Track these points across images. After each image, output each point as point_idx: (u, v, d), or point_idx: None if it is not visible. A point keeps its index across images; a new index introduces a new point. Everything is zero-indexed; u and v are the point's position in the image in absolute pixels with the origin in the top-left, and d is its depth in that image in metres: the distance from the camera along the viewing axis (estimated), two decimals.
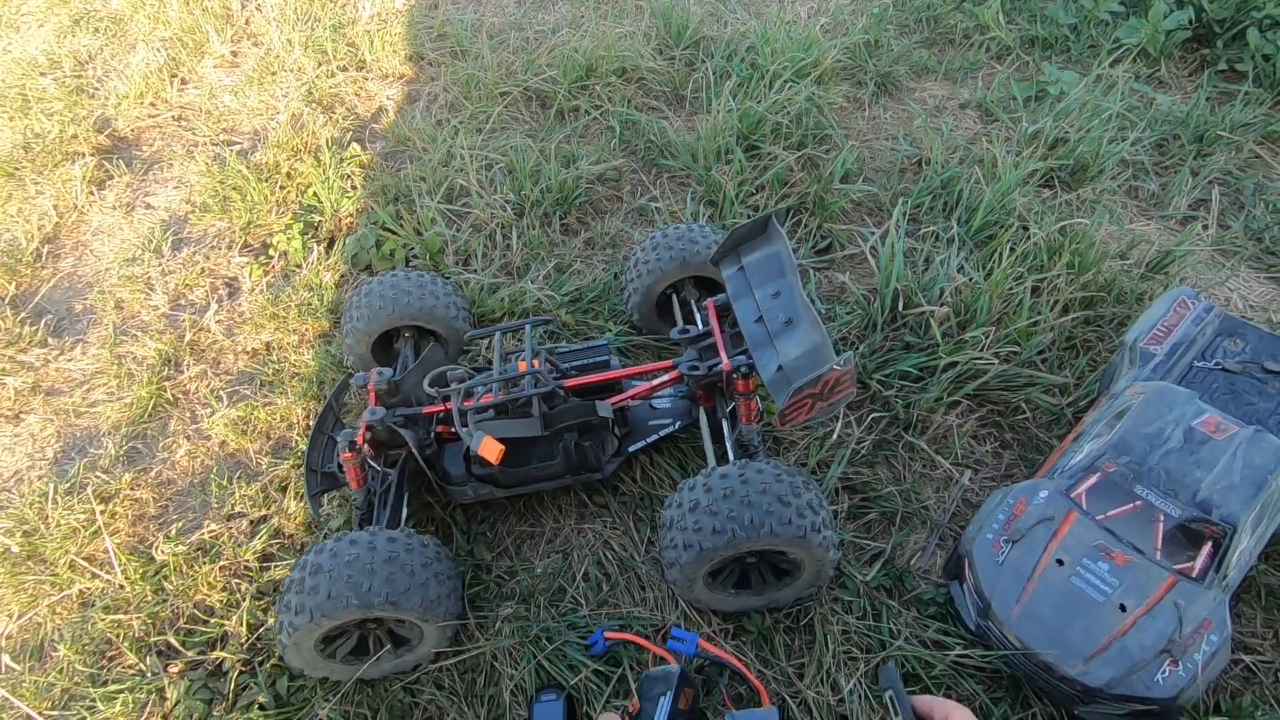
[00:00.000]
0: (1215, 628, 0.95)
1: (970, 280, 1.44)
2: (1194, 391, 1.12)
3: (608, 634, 1.09)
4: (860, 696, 1.03)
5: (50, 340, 1.77)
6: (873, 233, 1.65)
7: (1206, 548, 1.00)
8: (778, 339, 1.15)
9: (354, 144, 2.14)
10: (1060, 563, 1.02)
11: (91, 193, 2.16)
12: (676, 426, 1.31)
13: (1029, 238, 1.51)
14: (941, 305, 1.39)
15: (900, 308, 1.43)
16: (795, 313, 1.15)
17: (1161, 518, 1.02)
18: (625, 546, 1.25)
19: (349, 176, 2.05)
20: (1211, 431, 1.07)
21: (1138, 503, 1.04)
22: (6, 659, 1.19)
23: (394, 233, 1.83)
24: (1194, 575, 0.99)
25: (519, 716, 1.08)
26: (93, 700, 1.09)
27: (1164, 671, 0.93)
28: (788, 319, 1.16)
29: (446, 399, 1.23)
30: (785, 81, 1.98)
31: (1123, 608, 0.97)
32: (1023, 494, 1.10)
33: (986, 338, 1.32)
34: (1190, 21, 2.11)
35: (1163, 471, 1.05)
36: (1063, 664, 0.95)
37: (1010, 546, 1.06)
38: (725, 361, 1.18)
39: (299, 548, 1.29)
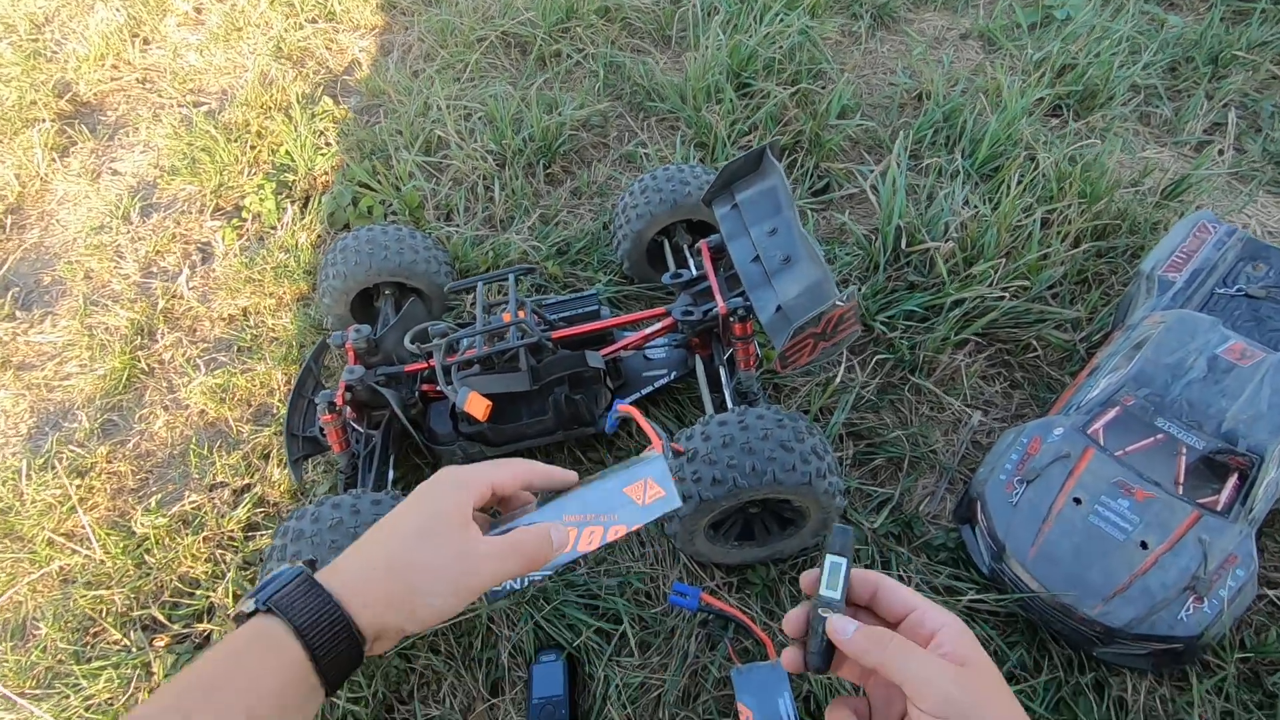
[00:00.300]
0: (1241, 562, 0.90)
1: (976, 214, 1.37)
2: (1217, 319, 1.06)
3: (621, 407, 0.98)
4: None
5: (18, 314, 1.70)
6: (872, 170, 1.57)
7: (1232, 480, 0.95)
8: (775, 278, 1.08)
9: (326, 99, 2.04)
10: (1078, 501, 0.97)
11: (54, 160, 2.07)
12: (672, 377, 1.25)
13: (1037, 168, 1.43)
14: (946, 241, 1.33)
15: (903, 246, 1.36)
16: (793, 249, 1.08)
17: (1184, 450, 0.97)
18: None
19: (322, 133, 1.96)
20: (1237, 359, 1.01)
21: (1159, 436, 0.99)
22: None
23: (371, 189, 1.74)
24: (1218, 509, 0.94)
25: (519, 678, 1.04)
26: (76, 678, 1.06)
27: (1188, 609, 0.89)
28: (786, 256, 1.09)
29: (429, 356, 1.17)
30: (776, 14, 1.87)
31: (1144, 545, 0.93)
32: (1036, 432, 1.05)
33: (995, 272, 1.26)
34: None
35: (1185, 403, 0.99)
36: (1082, 605, 0.91)
37: (1024, 487, 1.01)
38: (721, 304, 1.12)
39: (284, 515, 1.25)
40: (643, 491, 0.54)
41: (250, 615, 0.43)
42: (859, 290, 0.99)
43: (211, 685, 0.39)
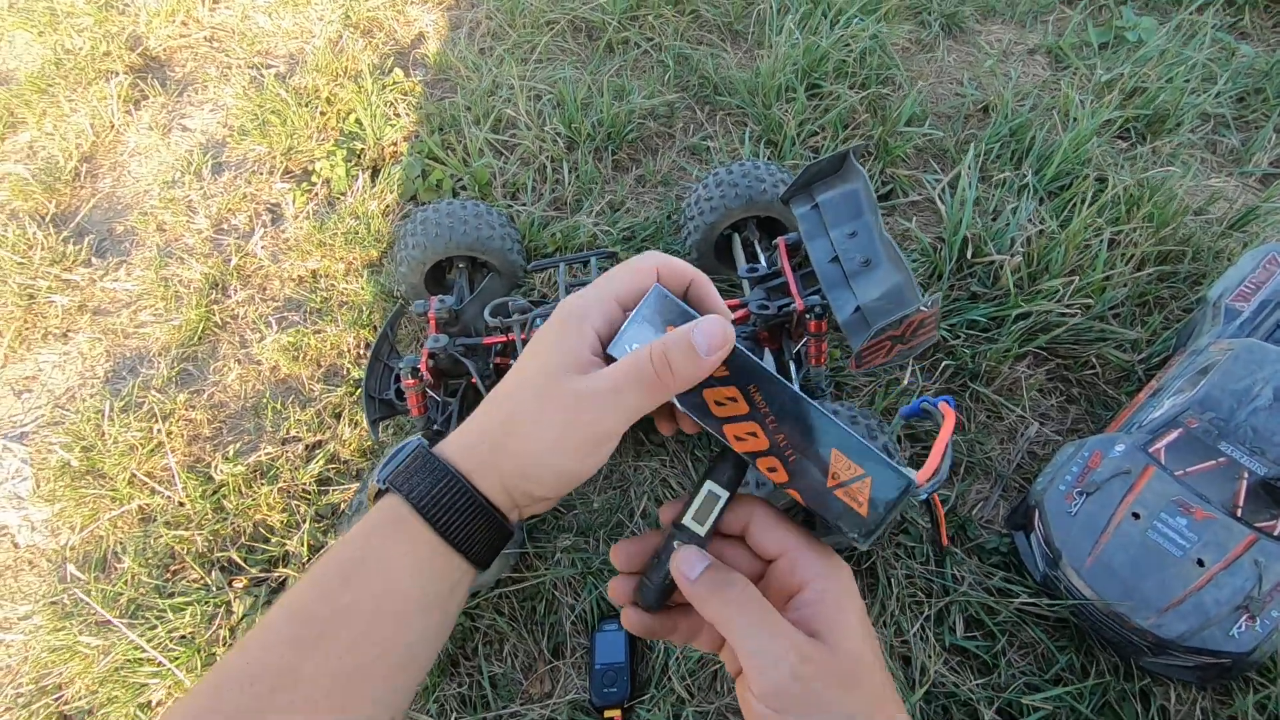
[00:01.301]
0: None
1: (1044, 230, 1.39)
2: None
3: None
4: (923, 639, 1.03)
5: (94, 260, 1.76)
6: (938, 179, 1.59)
7: None
8: (854, 280, 1.11)
9: (397, 70, 2.07)
10: (1136, 516, 1.00)
11: (128, 112, 2.12)
12: None
13: (1107, 189, 1.45)
14: (1013, 255, 1.35)
15: (969, 256, 1.39)
16: (874, 253, 1.11)
17: (1246, 475, 1.00)
18: (683, 485, 1.24)
19: (392, 104, 1.99)
20: None
21: (1221, 459, 1.02)
22: (71, 568, 1.21)
23: (441, 162, 1.78)
24: (1276, 534, 0.97)
25: (580, 644, 1.09)
26: (162, 610, 1.11)
27: (1240, 626, 0.92)
28: (866, 259, 1.12)
29: (508, 330, 1.21)
30: (850, 18, 1.89)
31: (1200, 563, 0.96)
32: (1098, 447, 1.08)
33: (1066, 289, 1.28)
34: None
35: (1250, 429, 1.02)
36: (1136, 615, 0.95)
37: (1084, 499, 1.04)
38: (799, 301, 1.15)
39: (354, 473, 1.30)
40: (847, 475, 0.39)
41: (383, 494, 0.41)
42: (941, 297, 1.02)
43: (348, 569, 0.37)
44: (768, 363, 1.26)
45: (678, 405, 0.40)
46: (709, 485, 0.41)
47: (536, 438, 0.38)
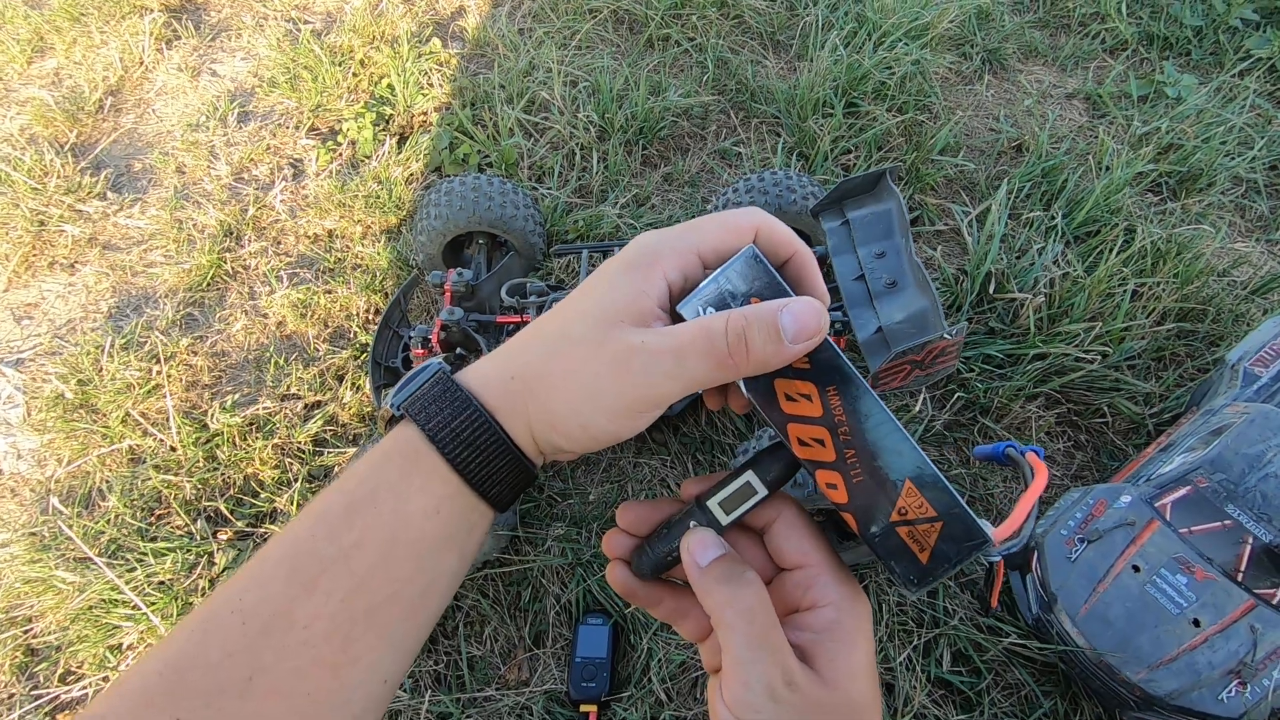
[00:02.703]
0: None
1: (1068, 274, 1.39)
2: None
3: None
4: (907, 668, 1.02)
5: (109, 194, 1.73)
6: (966, 211, 1.59)
7: None
8: (879, 300, 1.10)
9: (435, 40, 2.05)
10: (1136, 569, 1.00)
11: (159, 50, 2.09)
12: None
13: (1135, 240, 1.45)
14: (1035, 295, 1.34)
15: (990, 291, 1.38)
16: (901, 275, 1.10)
17: (1250, 540, 0.99)
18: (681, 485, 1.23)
19: (426, 73, 1.97)
20: None
21: (1227, 522, 1.01)
22: (55, 501, 1.19)
23: (470, 137, 1.77)
24: (1274, 602, 0.96)
25: (562, 635, 1.07)
26: (143, 553, 1.09)
27: (1230, 691, 0.92)
28: (892, 281, 1.11)
29: (523, 310, 1.20)
30: (895, 40, 1.88)
31: (1196, 623, 0.95)
32: (1103, 496, 1.07)
33: (1087, 334, 1.28)
34: None
35: (1259, 494, 1.02)
36: (1126, 668, 0.94)
37: (1084, 546, 1.03)
38: None
39: (352, 438, 1.28)
40: (916, 514, 0.34)
41: (396, 421, 0.36)
42: (966, 328, 1.01)
43: (356, 503, 0.33)
44: None
45: (742, 388, 0.36)
46: (749, 477, 0.37)
47: (576, 389, 0.33)
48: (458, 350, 1.21)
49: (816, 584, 0.36)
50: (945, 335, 0.96)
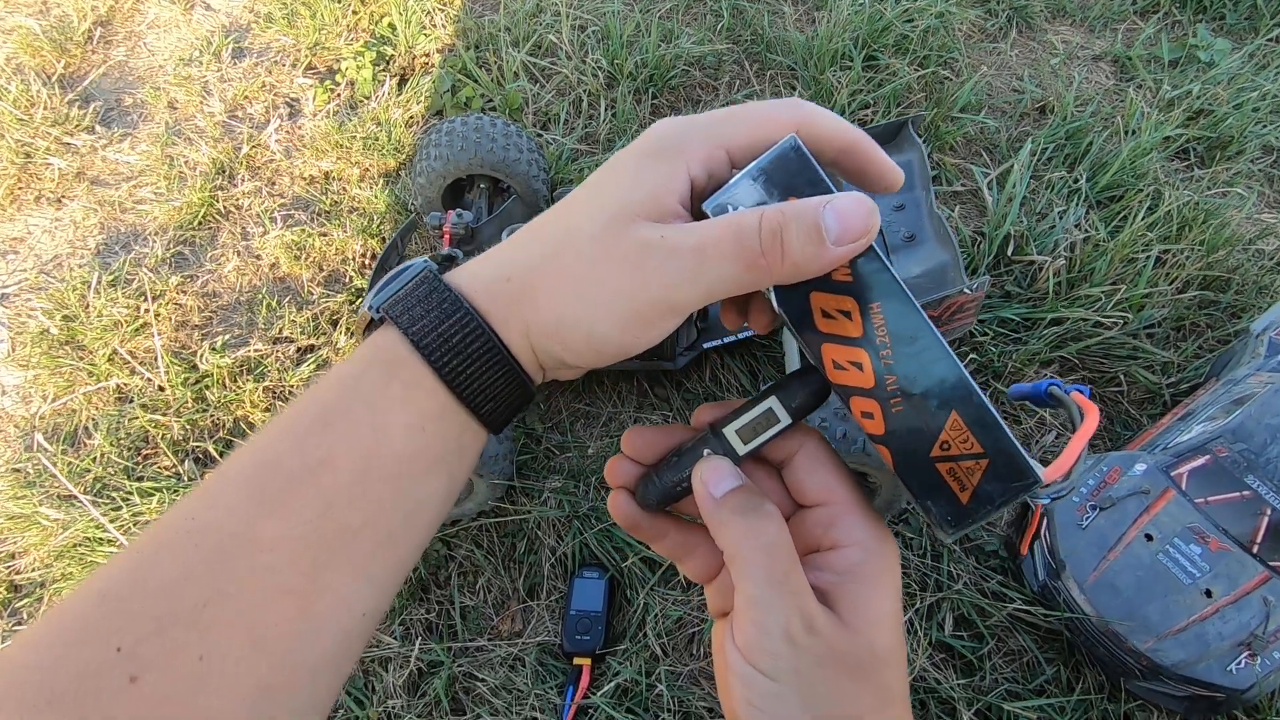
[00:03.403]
0: None
1: (1090, 237, 1.34)
2: None
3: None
4: (911, 632, 1.00)
5: (98, 128, 1.67)
6: (986, 171, 1.53)
7: None
8: (895, 254, 1.06)
9: None
10: (1149, 538, 0.97)
11: None
12: (755, 332, 1.24)
13: (1160, 205, 1.39)
14: (1055, 258, 1.30)
15: (1009, 253, 1.34)
16: (920, 229, 1.06)
17: (1268, 511, 0.96)
18: None
19: (429, 13, 1.89)
20: None
21: (1245, 493, 0.98)
22: (39, 437, 1.15)
23: (473, 80, 1.70)
24: None
25: (556, 588, 1.05)
26: (129, 492, 1.06)
27: (1240, 662, 0.89)
28: (910, 234, 1.06)
29: None
30: None
31: (1208, 593, 0.93)
32: (1117, 463, 1.04)
33: (1107, 299, 1.23)
34: None
35: None
36: (1134, 637, 0.92)
37: (1096, 513, 1.00)
38: None
39: None
40: (961, 449, 0.30)
41: (375, 325, 0.32)
42: (988, 281, 0.96)
43: (329, 415, 0.29)
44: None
45: (772, 300, 0.31)
46: (771, 403, 0.33)
47: (582, 293, 0.29)
48: (446, 251, 1.16)
49: (840, 523, 0.32)
50: (966, 290, 0.92)
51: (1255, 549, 0.95)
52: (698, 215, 0.31)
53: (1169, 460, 1.03)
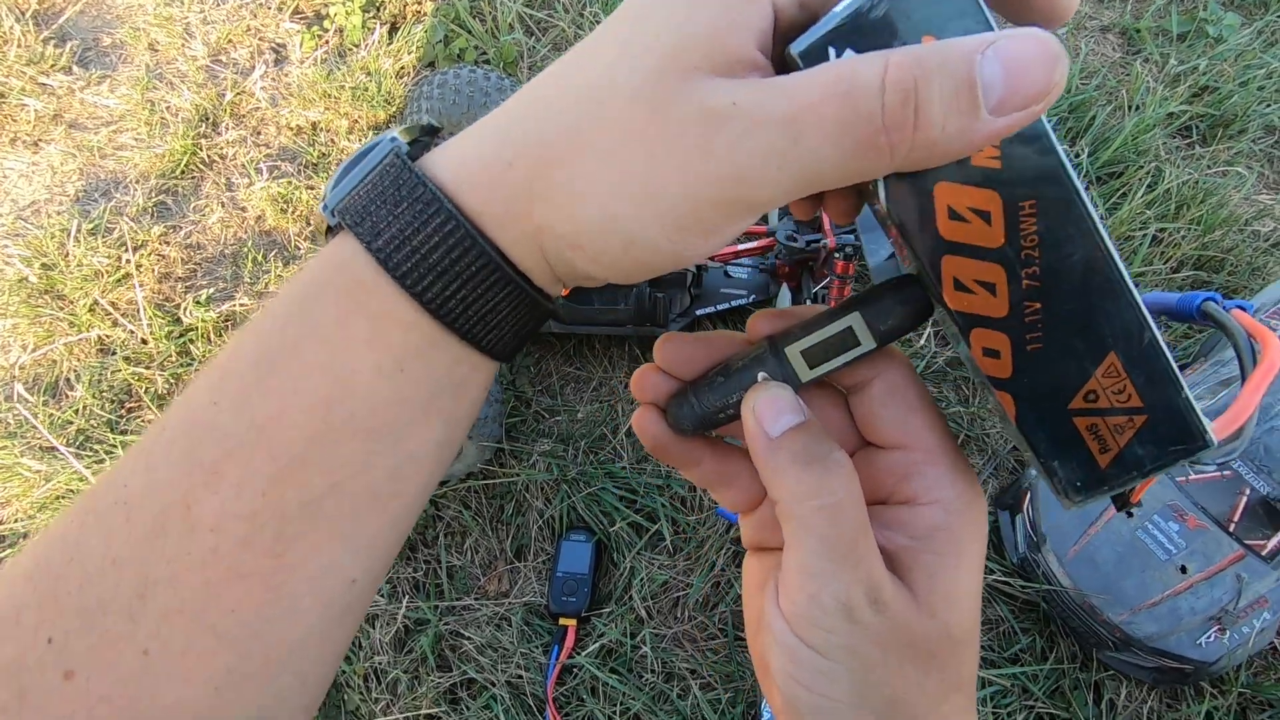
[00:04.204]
0: (1270, 607, 0.93)
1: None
2: None
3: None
4: None
5: (75, 69, 1.61)
6: None
7: None
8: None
9: None
10: (1129, 514, 0.98)
11: None
12: (750, 300, 1.23)
13: (1160, 183, 1.38)
14: None
15: None
16: None
17: (1247, 491, 0.98)
18: None
19: None
20: None
21: (1226, 472, 1.00)
22: (20, 388, 1.14)
23: (467, 30, 1.64)
24: (1264, 553, 0.96)
25: (544, 550, 1.06)
26: (112, 444, 1.05)
27: (1209, 636, 0.92)
28: None
29: None
30: None
31: (1183, 569, 0.95)
32: None
33: None
34: None
35: (1263, 447, 1.00)
36: (1109, 610, 0.94)
37: None
38: (830, 238, 1.08)
39: None
40: (1113, 400, 0.25)
41: (334, 232, 0.24)
42: None
43: (268, 356, 0.23)
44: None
45: (880, 194, 0.22)
46: (853, 320, 0.25)
47: (618, 182, 0.21)
48: (426, 122, 1.13)
49: (921, 473, 0.26)
50: None
51: (1232, 527, 0.97)
52: (782, 64, 0.22)
53: None
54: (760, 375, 0.26)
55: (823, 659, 0.24)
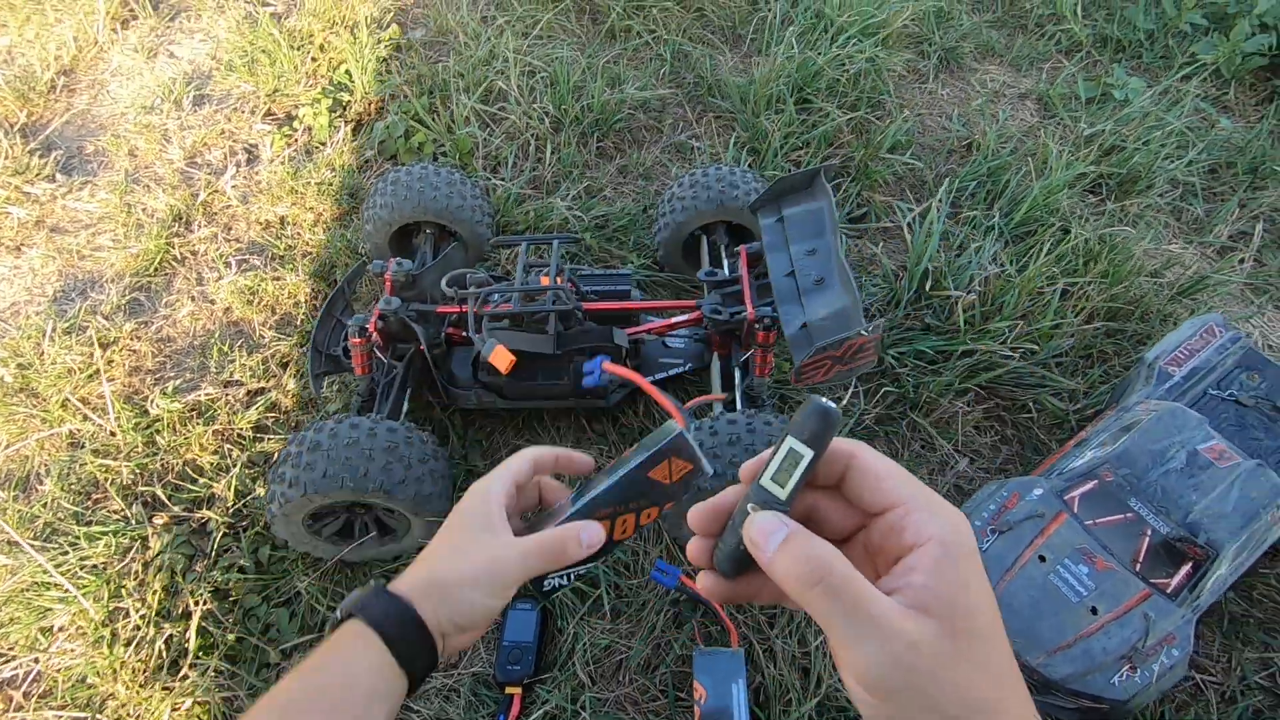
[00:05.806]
0: (1178, 643, 0.98)
1: (1002, 273, 1.42)
2: (1204, 418, 1.13)
3: (606, 365, 1.09)
4: (824, 654, 1.06)
5: (58, 176, 1.72)
6: (911, 209, 1.62)
7: (1186, 568, 1.02)
8: (806, 296, 1.13)
9: (395, 25, 2.05)
10: (1042, 559, 1.04)
11: (114, 30, 2.07)
12: (687, 368, 1.30)
13: (1068, 240, 1.49)
14: (969, 292, 1.38)
15: (927, 288, 1.42)
16: (829, 273, 1.13)
17: (1149, 532, 1.04)
18: None
19: (385, 60, 1.97)
20: (1215, 458, 1.08)
21: (1129, 515, 1.06)
22: None
23: (425, 126, 1.77)
24: (1168, 591, 1.01)
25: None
26: (76, 537, 1.10)
27: (1122, 675, 0.96)
28: (819, 278, 1.14)
29: (463, 301, 1.21)
30: (850, 37, 1.91)
31: (1094, 610, 0.99)
32: (1017, 489, 1.11)
33: (1011, 331, 1.31)
34: (1270, 48, 2.04)
35: (1160, 489, 1.06)
36: (1026, 654, 0.98)
37: (996, 536, 1.07)
38: (750, 310, 1.16)
39: (293, 424, 1.29)
40: (668, 470, 0.51)
41: (340, 624, 0.47)
42: (884, 324, 1.04)
43: (319, 660, 0.45)
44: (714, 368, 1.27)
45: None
46: (790, 442, 0.33)
47: (465, 586, 0.47)
48: (395, 346, 1.22)
49: (910, 524, 0.32)
50: (862, 332, 0.99)
51: (1138, 567, 1.02)
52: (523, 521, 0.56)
53: (1063, 485, 1.11)
54: (750, 507, 0.34)
55: (890, 704, 0.30)
